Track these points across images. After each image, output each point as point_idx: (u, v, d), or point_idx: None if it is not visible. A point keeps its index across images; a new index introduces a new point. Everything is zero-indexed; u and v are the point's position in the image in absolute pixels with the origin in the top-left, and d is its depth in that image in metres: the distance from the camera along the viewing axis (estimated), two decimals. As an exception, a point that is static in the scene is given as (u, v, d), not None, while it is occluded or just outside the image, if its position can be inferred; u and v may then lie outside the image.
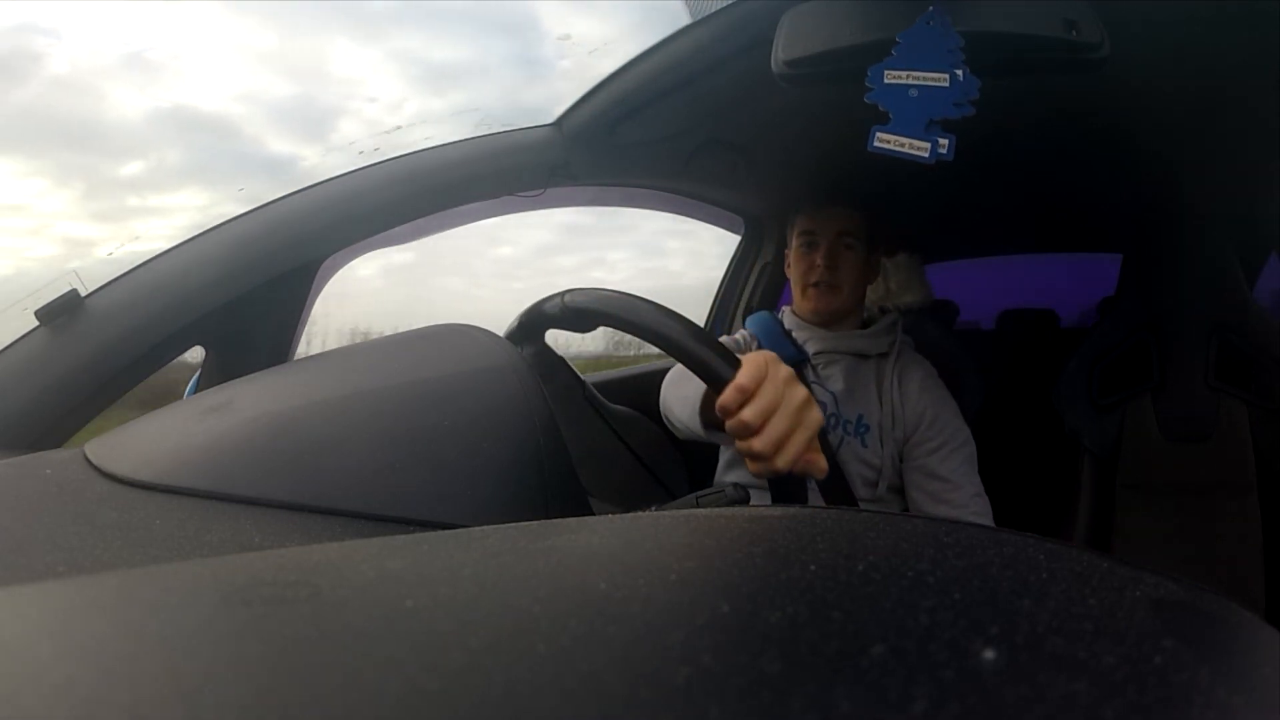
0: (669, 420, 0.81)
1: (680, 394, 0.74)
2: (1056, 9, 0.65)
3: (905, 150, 0.67)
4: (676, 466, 1.03)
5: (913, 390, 1.00)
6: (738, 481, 0.57)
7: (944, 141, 0.66)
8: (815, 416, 0.53)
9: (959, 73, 0.65)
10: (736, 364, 0.53)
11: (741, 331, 1.12)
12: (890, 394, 1.00)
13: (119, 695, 0.14)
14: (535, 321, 0.74)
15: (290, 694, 0.15)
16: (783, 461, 0.52)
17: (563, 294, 0.66)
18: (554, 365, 0.84)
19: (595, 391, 0.92)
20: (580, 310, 0.64)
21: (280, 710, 0.14)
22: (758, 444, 0.51)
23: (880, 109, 0.67)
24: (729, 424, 0.52)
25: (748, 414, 0.51)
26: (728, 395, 0.52)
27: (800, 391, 0.53)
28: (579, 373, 0.89)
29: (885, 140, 0.68)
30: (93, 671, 0.15)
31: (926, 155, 0.66)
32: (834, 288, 1.02)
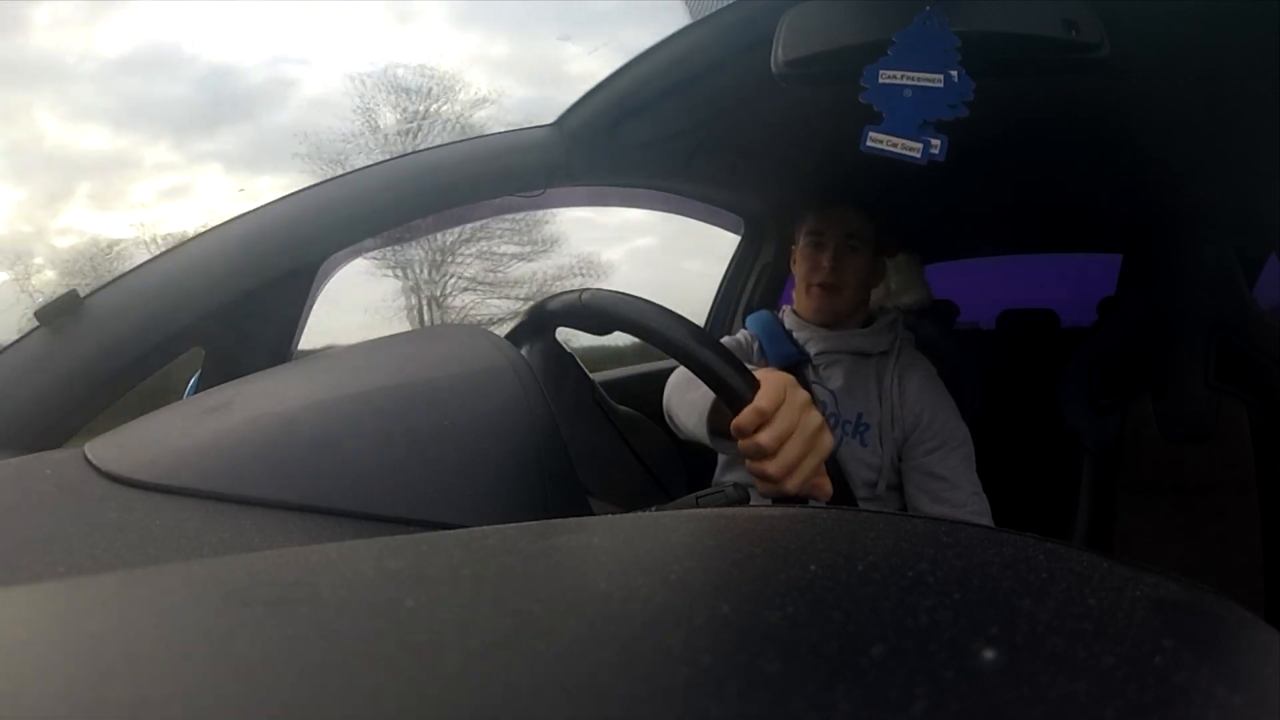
0: (672, 423, 0.81)
1: (686, 399, 0.74)
2: (1055, 9, 0.65)
3: (897, 150, 0.67)
4: (677, 468, 1.03)
5: (912, 389, 1.00)
6: (737, 481, 0.57)
7: (936, 142, 0.66)
8: (827, 442, 0.54)
9: (954, 73, 0.65)
10: (755, 384, 0.53)
11: (742, 331, 1.12)
12: (890, 393, 1.00)
13: (119, 695, 0.14)
14: (544, 319, 0.73)
15: (290, 694, 0.15)
16: (792, 485, 0.52)
17: (579, 292, 0.64)
18: (564, 364, 0.83)
19: (603, 392, 0.91)
20: (596, 312, 0.62)
21: (280, 710, 0.14)
22: (771, 467, 0.51)
23: (874, 109, 0.67)
24: (743, 444, 0.52)
25: (764, 438, 0.51)
26: (746, 417, 0.51)
27: (815, 417, 0.53)
28: (588, 372, 0.88)
29: (878, 140, 0.67)
30: (93, 671, 0.15)
31: (918, 155, 0.66)
32: (837, 289, 1.02)
